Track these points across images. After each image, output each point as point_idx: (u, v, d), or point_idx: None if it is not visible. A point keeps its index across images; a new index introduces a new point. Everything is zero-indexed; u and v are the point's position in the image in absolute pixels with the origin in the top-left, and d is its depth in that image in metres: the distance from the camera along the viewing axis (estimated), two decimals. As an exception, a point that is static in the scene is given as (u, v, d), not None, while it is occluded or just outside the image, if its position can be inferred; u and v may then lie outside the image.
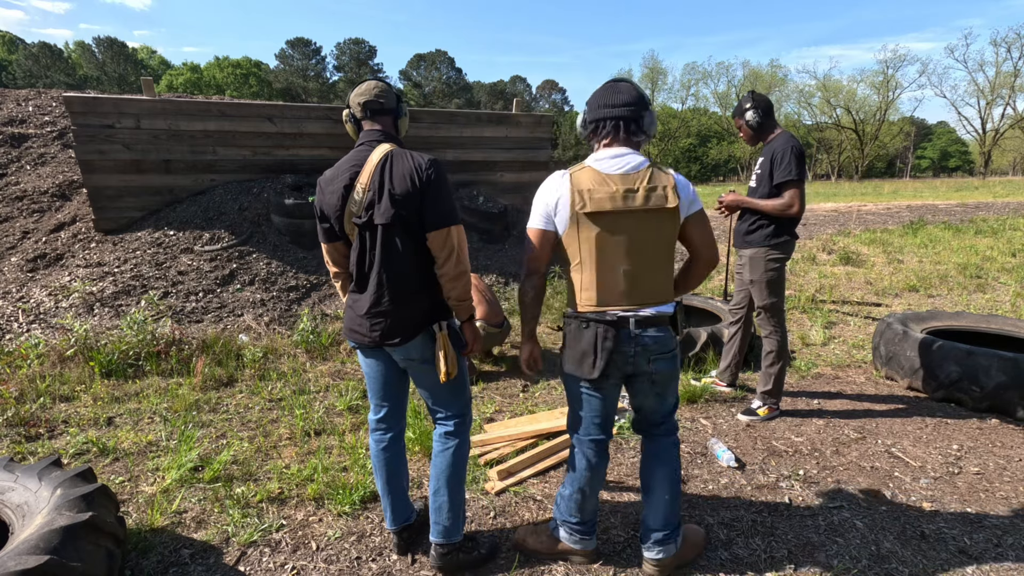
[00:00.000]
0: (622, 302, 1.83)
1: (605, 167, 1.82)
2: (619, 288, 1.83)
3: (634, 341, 1.83)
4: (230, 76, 60.06)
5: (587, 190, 1.79)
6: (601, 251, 1.81)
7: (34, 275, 5.24)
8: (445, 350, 1.83)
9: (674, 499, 1.98)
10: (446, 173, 1.82)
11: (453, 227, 1.78)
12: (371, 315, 1.85)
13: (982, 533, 2.25)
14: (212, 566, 2.05)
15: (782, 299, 3.21)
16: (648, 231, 1.81)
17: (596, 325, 1.83)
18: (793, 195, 2.98)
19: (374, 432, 2.08)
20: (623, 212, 1.78)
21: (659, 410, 1.98)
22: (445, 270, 1.79)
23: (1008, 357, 3.17)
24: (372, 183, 1.76)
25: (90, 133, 5.54)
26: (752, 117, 3.09)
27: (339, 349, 4.35)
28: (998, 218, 12.58)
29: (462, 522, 1.99)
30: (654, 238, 1.82)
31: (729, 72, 56.66)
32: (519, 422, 3.14)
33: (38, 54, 54.94)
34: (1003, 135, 49.38)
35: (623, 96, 1.85)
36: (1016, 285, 6.40)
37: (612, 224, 1.79)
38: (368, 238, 1.81)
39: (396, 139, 1.90)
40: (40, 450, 2.84)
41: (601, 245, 1.81)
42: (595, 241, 1.81)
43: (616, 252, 1.81)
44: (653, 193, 1.79)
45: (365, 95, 1.87)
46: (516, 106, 7.89)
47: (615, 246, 1.81)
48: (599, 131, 1.88)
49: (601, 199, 1.78)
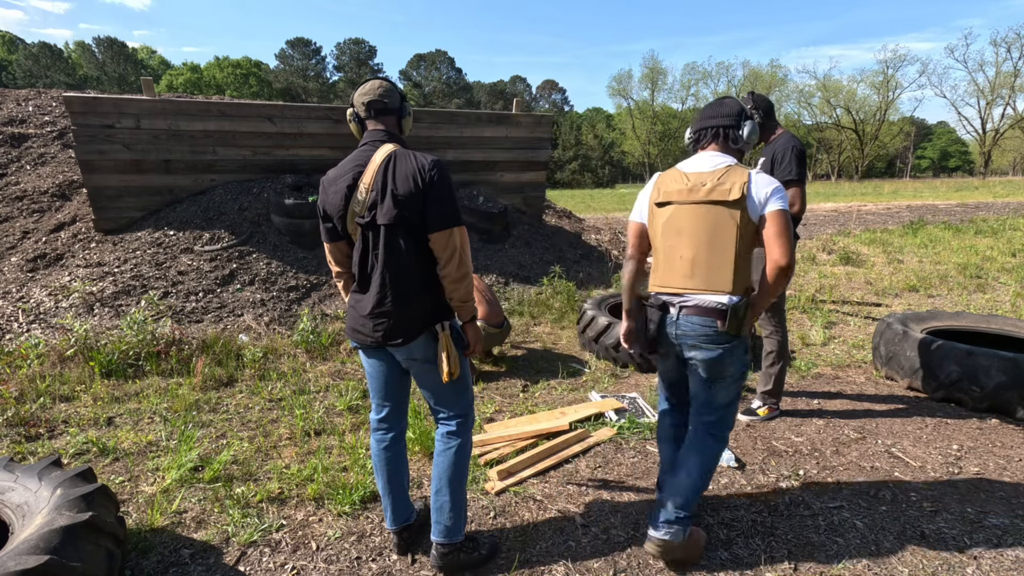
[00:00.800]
0: (674, 287, 1.99)
1: (689, 167, 2.03)
2: (676, 273, 1.99)
3: (674, 325, 1.97)
4: (230, 76, 60.07)
5: (662, 185, 2.05)
6: (665, 238, 2.02)
7: (34, 275, 5.24)
8: (448, 350, 1.83)
9: (696, 490, 2.00)
10: (450, 174, 1.81)
11: (455, 228, 1.77)
12: (374, 315, 1.84)
13: (982, 533, 2.25)
14: (212, 566, 2.05)
15: (783, 299, 3.22)
16: (707, 222, 1.93)
17: (647, 308, 2.07)
18: (794, 194, 2.98)
19: (375, 432, 2.08)
20: (686, 203, 1.96)
21: (703, 400, 2.04)
22: (447, 271, 1.79)
23: (1008, 357, 3.17)
24: (375, 183, 1.76)
25: (90, 133, 5.54)
26: (755, 116, 3.09)
27: (339, 349, 4.35)
28: (998, 218, 12.57)
29: (463, 522, 1.98)
30: (713, 229, 1.92)
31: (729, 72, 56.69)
32: (519, 422, 3.14)
33: (38, 54, 54.95)
34: (1003, 135, 49.37)
35: (724, 109, 2.05)
36: (1016, 285, 6.40)
37: (676, 213, 1.99)
38: (371, 238, 1.81)
39: (400, 139, 1.90)
40: (40, 450, 2.84)
41: (665, 232, 2.02)
42: (661, 229, 2.03)
43: (677, 240, 1.98)
44: (719, 187, 1.91)
45: (369, 95, 1.86)
46: (516, 106, 7.88)
47: (676, 234, 1.99)
48: (701, 139, 2.08)
49: (670, 191, 2.01)
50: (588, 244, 7.98)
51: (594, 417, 3.23)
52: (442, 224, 1.74)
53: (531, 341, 4.75)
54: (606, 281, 6.63)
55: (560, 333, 4.95)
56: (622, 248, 8.28)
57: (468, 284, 1.83)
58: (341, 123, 6.38)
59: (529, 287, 6.07)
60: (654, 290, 2.06)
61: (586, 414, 3.22)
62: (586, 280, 6.59)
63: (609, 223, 11.23)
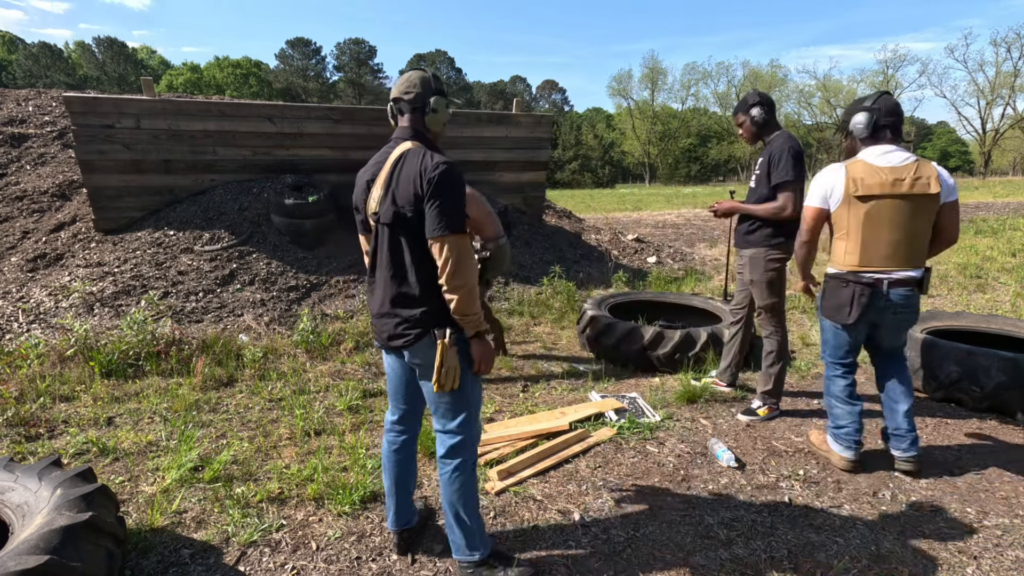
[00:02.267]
0: (881, 266, 2.42)
1: (876, 161, 2.39)
2: (880, 254, 2.41)
3: (884, 297, 2.45)
4: (230, 76, 60.04)
5: (860, 178, 2.38)
6: (867, 225, 2.39)
7: (34, 275, 5.24)
8: (443, 360, 1.73)
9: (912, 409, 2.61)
10: (457, 178, 1.69)
11: (450, 237, 1.65)
12: (379, 316, 1.84)
13: (982, 533, 2.25)
14: (212, 566, 2.05)
15: (782, 299, 3.21)
16: (911, 211, 2.36)
17: (854, 285, 2.47)
18: (787, 198, 2.98)
19: (388, 432, 2.06)
20: (890, 197, 2.35)
21: (896, 345, 2.65)
22: (443, 280, 1.69)
23: (1008, 357, 3.17)
24: (386, 181, 1.75)
25: (90, 133, 5.54)
26: (758, 114, 3.08)
27: (339, 349, 4.35)
28: (998, 218, 12.57)
29: (476, 540, 1.91)
30: (915, 217, 2.37)
31: (729, 72, 56.74)
32: (519, 422, 3.14)
33: (38, 54, 54.95)
34: (1003, 135, 49.35)
35: (898, 109, 2.42)
36: (1016, 285, 6.40)
37: (879, 204, 2.36)
38: (378, 237, 1.80)
39: (422, 136, 1.83)
40: (40, 450, 2.84)
41: (868, 220, 2.39)
42: (863, 217, 2.40)
43: (881, 226, 2.38)
44: (918, 182, 2.35)
45: (395, 90, 1.84)
46: (516, 106, 7.88)
47: (880, 222, 2.38)
48: (881, 133, 2.43)
49: (871, 185, 2.36)
50: (588, 244, 7.98)
51: (594, 417, 3.23)
52: (435, 231, 1.65)
53: (531, 341, 4.75)
54: (606, 281, 6.63)
55: (560, 333, 4.95)
56: (622, 248, 8.28)
57: (467, 297, 1.69)
58: (341, 123, 6.38)
59: (529, 287, 6.07)
60: (854, 269, 2.45)
61: (586, 414, 3.22)
62: (586, 280, 6.59)
63: (609, 223, 11.23)
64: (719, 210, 3.35)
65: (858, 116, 2.45)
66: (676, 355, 3.90)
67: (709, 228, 12.29)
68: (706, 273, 7.40)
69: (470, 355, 1.80)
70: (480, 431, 2.01)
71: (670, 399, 3.52)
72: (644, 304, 5.02)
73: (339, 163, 6.47)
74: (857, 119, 2.45)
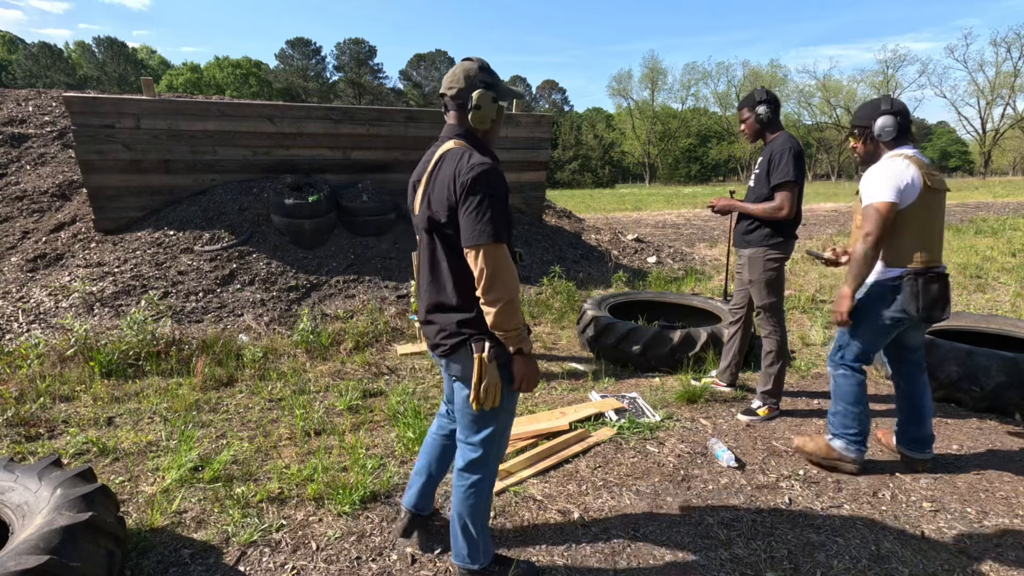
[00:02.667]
0: (939, 260, 2.49)
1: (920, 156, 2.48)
2: (938, 249, 2.48)
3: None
4: (230, 76, 60.04)
5: (926, 172, 2.41)
6: (934, 219, 2.45)
7: (34, 275, 5.24)
8: (480, 375, 1.63)
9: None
10: (494, 184, 1.56)
11: (484, 247, 1.53)
12: (423, 323, 1.80)
13: (982, 533, 2.25)
14: (212, 566, 2.05)
15: (782, 299, 3.22)
16: (943, 205, 2.50)
17: (940, 278, 2.46)
18: (784, 198, 2.99)
19: (440, 418, 2.07)
20: (940, 191, 2.45)
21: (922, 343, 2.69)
22: (479, 292, 1.59)
23: (1008, 357, 3.17)
24: (426, 184, 1.68)
25: (90, 133, 5.54)
26: (764, 112, 3.08)
27: (339, 349, 4.36)
28: (998, 218, 12.58)
29: (478, 551, 1.88)
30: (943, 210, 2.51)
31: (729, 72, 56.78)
32: (519, 422, 3.14)
33: (38, 54, 54.96)
34: (1003, 135, 49.37)
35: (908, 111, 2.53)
36: (1016, 285, 6.40)
37: (936, 199, 2.44)
38: (420, 241, 1.76)
39: (467, 135, 1.72)
40: (40, 450, 2.84)
41: (934, 215, 2.45)
42: (930, 212, 2.43)
43: (937, 220, 2.47)
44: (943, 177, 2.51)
45: (443, 84, 1.73)
46: (516, 106, 7.89)
47: (938, 216, 2.47)
48: (905, 134, 2.51)
49: (937, 179, 2.43)
50: (588, 244, 7.98)
51: (594, 417, 3.23)
52: (470, 240, 1.55)
53: (531, 341, 4.74)
54: (606, 281, 6.63)
55: (560, 333, 4.95)
56: (622, 248, 8.28)
57: (505, 311, 1.57)
58: (341, 123, 6.38)
59: (529, 287, 6.07)
60: (925, 265, 2.43)
61: (586, 414, 3.22)
62: (586, 280, 6.59)
63: (609, 223, 11.22)
64: (717, 206, 3.37)
65: (884, 120, 2.47)
66: (676, 355, 3.90)
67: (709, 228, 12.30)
68: (706, 273, 7.40)
69: (511, 372, 1.68)
70: (505, 450, 1.90)
71: (670, 399, 3.52)
72: (644, 304, 5.02)
73: (339, 163, 6.47)
74: (885, 123, 2.47)
